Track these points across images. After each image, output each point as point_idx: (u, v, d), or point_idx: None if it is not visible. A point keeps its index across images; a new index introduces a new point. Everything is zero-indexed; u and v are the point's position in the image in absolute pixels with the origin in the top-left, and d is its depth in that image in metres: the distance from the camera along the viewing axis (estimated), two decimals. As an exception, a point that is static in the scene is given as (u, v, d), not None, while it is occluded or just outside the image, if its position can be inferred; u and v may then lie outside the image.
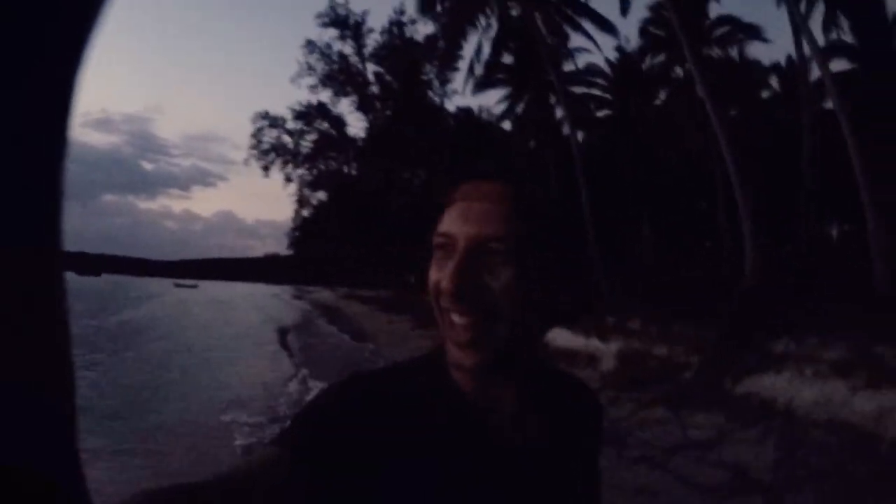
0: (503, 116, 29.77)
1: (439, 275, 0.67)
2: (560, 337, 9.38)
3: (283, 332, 20.75)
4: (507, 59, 23.46)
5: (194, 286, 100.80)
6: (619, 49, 27.53)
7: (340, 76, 43.89)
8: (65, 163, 0.26)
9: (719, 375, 5.59)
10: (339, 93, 44.26)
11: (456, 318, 0.66)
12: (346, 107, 51.82)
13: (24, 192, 0.24)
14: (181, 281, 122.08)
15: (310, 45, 43.85)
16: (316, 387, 9.53)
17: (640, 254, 24.92)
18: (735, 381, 5.46)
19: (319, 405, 0.67)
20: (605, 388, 6.73)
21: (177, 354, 14.34)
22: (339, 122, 46.21)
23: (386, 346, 14.28)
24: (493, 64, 22.90)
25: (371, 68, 43.04)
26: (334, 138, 46.39)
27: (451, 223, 0.68)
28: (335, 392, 0.69)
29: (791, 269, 12.90)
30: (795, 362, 5.22)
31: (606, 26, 20.44)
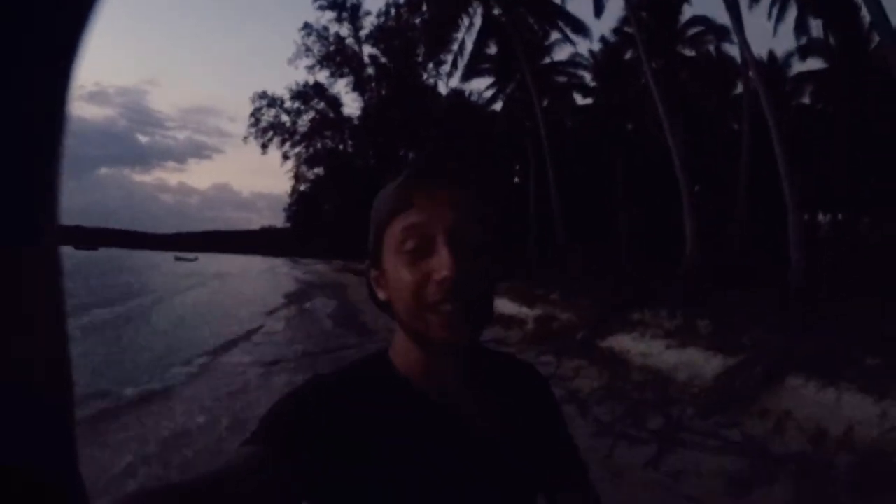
0: (490, 102, 31.26)
1: (419, 273, 0.68)
2: (503, 306, 11.51)
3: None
4: (493, 49, 24.90)
5: (195, 259, 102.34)
6: (603, 40, 29.09)
7: (337, 57, 44.94)
8: (62, 159, 0.26)
9: (595, 335, 7.65)
10: (336, 74, 45.38)
11: (449, 305, 0.67)
12: (342, 87, 52.85)
13: (19, 189, 0.24)
14: (181, 254, 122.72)
15: (307, 27, 44.82)
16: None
17: (617, 236, 26.18)
18: (601, 339, 7.42)
19: (289, 404, 0.68)
20: (523, 343, 8.91)
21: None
22: (335, 102, 47.37)
23: (370, 310, 16.17)
24: (477, 56, 24.41)
25: (367, 50, 44.14)
26: (330, 117, 47.61)
27: (422, 219, 0.69)
28: (304, 391, 0.70)
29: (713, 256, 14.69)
30: (643, 327, 7.22)
31: (579, 28, 22.05)
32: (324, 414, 0.66)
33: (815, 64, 25.89)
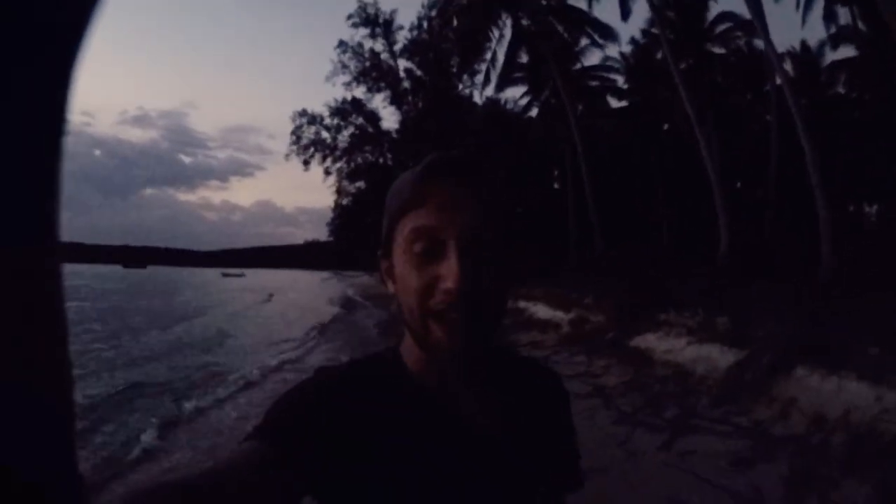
0: (525, 110, 31.73)
1: (426, 278, 0.66)
2: (541, 311, 12.02)
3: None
4: (524, 58, 25.34)
5: (242, 275, 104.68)
6: (633, 41, 29.25)
7: (373, 73, 45.49)
8: (62, 160, 0.26)
9: (624, 335, 8.06)
10: (373, 89, 45.86)
11: (453, 316, 0.65)
12: (379, 102, 53.56)
13: (20, 190, 0.24)
14: (228, 270, 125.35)
15: (342, 44, 45.77)
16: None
17: (658, 237, 26.25)
18: (629, 339, 7.84)
19: (292, 400, 0.68)
20: (558, 344, 9.37)
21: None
22: (373, 117, 48.00)
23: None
24: (509, 65, 24.90)
25: (402, 64, 44.66)
26: (369, 132, 48.49)
27: (432, 220, 0.67)
28: (307, 388, 0.70)
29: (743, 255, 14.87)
30: (667, 326, 7.57)
31: (607, 34, 22.37)
32: (326, 411, 0.66)
33: (848, 52, 25.52)
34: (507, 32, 23.21)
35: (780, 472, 3.93)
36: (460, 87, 38.36)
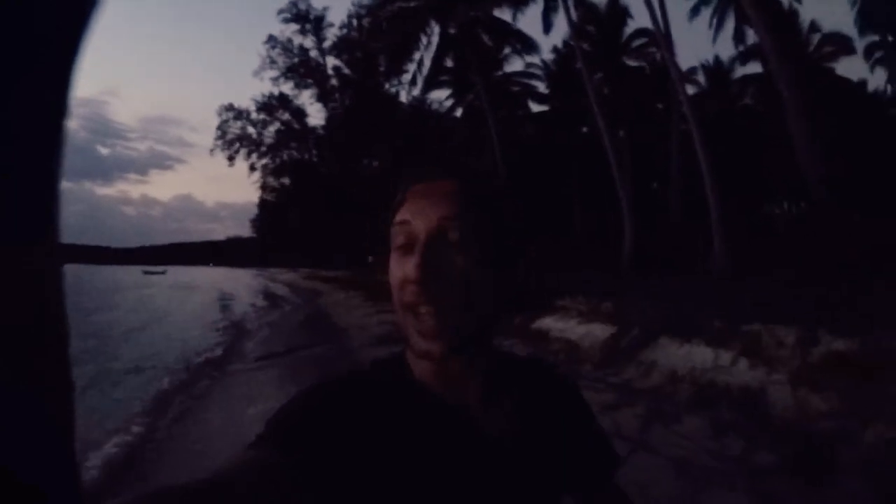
0: (450, 111, 32.79)
1: (404, 270, 0.67)
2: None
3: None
4: (450, 62, 26.40)
5: (164, 272, 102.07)
6: (556, 50, 30.84)
7: (301, 69, 45.96)
8: (62, 159, 0.26)
9: (527, 319, 9.16)
10: (300, 85, 46.44)
11: (423, 308, 0.65)
12: (306, 98, 53.58)
13: (20, 190, 0.24)
14: (150, 268, 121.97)
15: (272, 39, 45.75)
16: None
17: (574, 235, 27.63)
18: (531, 322, 8.98)
19: (299, 405, 0.66)
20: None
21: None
22: (300, 113, 48.52)
23: (343, 313, 17.46)
24: (435, 70, 25.90)
25: (331, 61, 45.27)
26: (296, 128, 48.61)
27: (410, 215, 0.68)
28: (313, 394, 0.68)
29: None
30: (563, 311, 8.74)
31: (530, 47, 23.78)
32: (330, 418, 0.64)
33: (755, 68, 27.88)
34: (435, 39, 24.19)
35: (637, 412, 5.01)
36: (387, 86, 39.02)
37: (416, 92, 29.23)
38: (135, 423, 6.29)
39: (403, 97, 37.69)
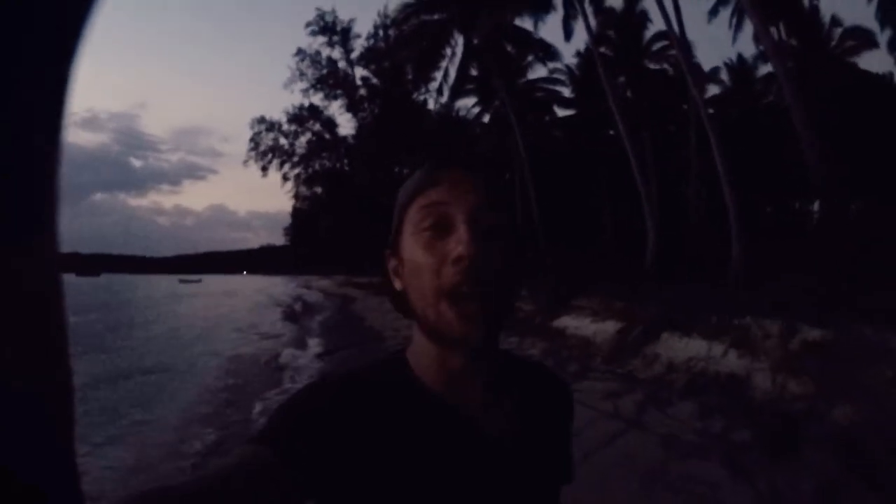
0: (478, 117, 33.40)
1: (437, 255, 0.66)
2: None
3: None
4: (475, 71, 27.08)
5: (199, 281, 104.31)
6: (579, 54, 31.26)
7: (330, 80, 46.92)
8: (60, 161, 0.26)
9: (547, 318, 9.84)
10: (330, 96, 47.30)
11: (467, 289, 0.63)
12: (336, 108, 54.41)
13: (19, 192, 0.24)
14: (185, 277, 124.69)
15: (300, 52, 46.77)
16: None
17: (602, 239, 28.02)
18: (552, 321, 9.66)
19: (298, 404, 0.65)
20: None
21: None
22: (330, 123, 49.38)
23: (377, 318, 18.24)
24: (461, 79, 26.61)
25: (359, 72, 46.03)
26: (326, 138, 49.57)
27: (445, 197, 0.68)
28: (312, 391, 0.68)
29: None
30: (578, 310, 9.42)
31: (551, 53, 24.35)
32: (331, 416, 0.64)
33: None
34: (459, 50, 24.87)
35: (636, 399, 5.65)
36: (415, 94, 39.54)
37: (443, 100, 29.83)
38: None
39: (431, 105, 38.23)
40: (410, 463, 0.65)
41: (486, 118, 32.22)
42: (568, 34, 23.93)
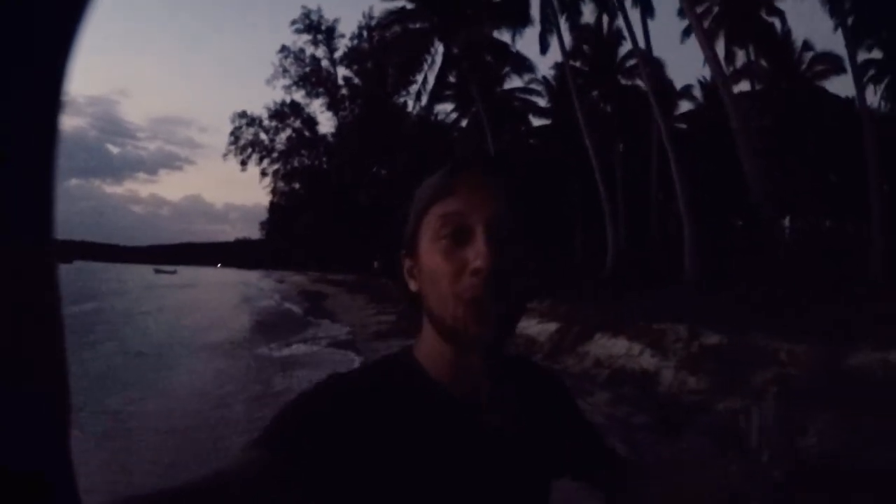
0: (456, 122, 34.19)
1: (455, 263, 0.66)
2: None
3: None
4: (453, 78, 27.90)
5: (174, 272, 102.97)
6: (557, 66, 32.17)
7: (313, 78, 47.69)
8: (56, 159, 0.26)
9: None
10: (312, 94, 48.18)
11: (487, 296, 0.64)
12: (317, 106, 54.97)
13: (15, 190, 0.24)
14: (161, 267, 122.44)
15: (284, 49, 47.38)
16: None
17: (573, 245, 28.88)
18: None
19: (300, 406, 0.65)
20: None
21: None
22: (311, 121, 50.14)
23: (346, 315, 18.99)
24: (440, 84, 27.40)
25: (341, 72, 46.87)
26: (307, 136, 50.15)
27: (462, 206, 0.68)
28: (315, 393, 0.67)
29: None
30: (529, 311, 10.33)
31: (527, 66, 25.34)
32: (339, 419, 0.63)
33: (744, 86, 29.22)
34: (439, 58, 25.67)
35: (563, 389, 6.56)
36: (395, 97, 40.14)
37: (421, 104, 30.56)
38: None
39: (411, 107, 38.86)
40: (421, 458, 0.65)
41: (465, 123, 32.98)
42: (544, 48, 24.71)
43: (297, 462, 0.57)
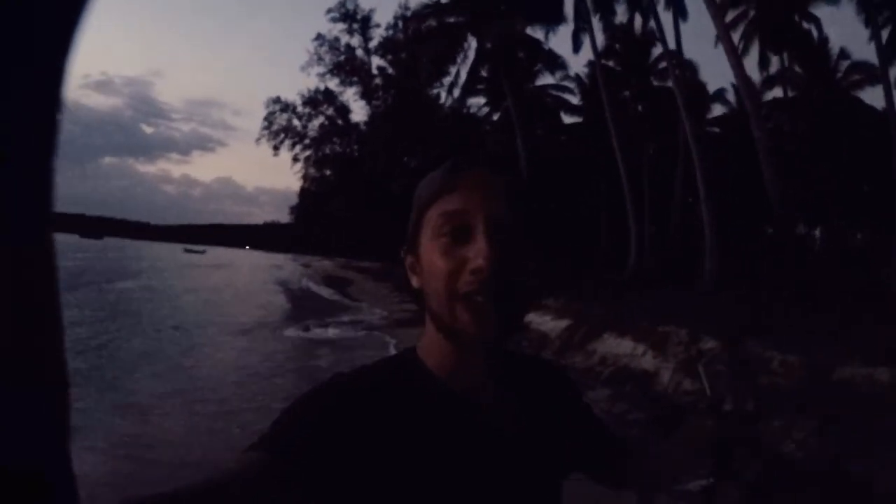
0: (488, 115, 34.39)
1: (454, 261, 0.66)
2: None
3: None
4: (485, 73, 28.14)
5: (203, 252, 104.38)
6: (589, 64, 32.19)
7: (347, 67, 47.78)
8: (55, 157, 0.25)
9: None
10: (345, 82, 48.26)
11: (480, 298, 0.64)
12: (350, 95, 55.12)
13: (14, 188, 0.24)
14: (191, 247, 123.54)
15: (320, 37, 47.57)
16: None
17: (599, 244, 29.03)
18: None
19: (300, 407, 0.65)
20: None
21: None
22: (344, 109, 50.22)
23: (372, 301, 19.56)
24: (472, 79, 27.67)
25: (375, 61, 46.95)
26: (339, 124, 50.38)
27: (462, 205, 0.68)
28: (316, 394, 0.67)
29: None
30: (544, 308, 10.74)
31: (558, 63, 25.48)
32: (339, 419, 0.63)
33: (777, 92, 29.04)
34: (471, 53, 25.94)
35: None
36: (428, 89, 40.20)
37: (454, 96, 30.74)
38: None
39: (444, 99, 38.99)
40: (422, 457, 0.65)
41: (497, 116, 33.16)
42: (577, 47, 24.80)
43: (297, 463, 0.58)
